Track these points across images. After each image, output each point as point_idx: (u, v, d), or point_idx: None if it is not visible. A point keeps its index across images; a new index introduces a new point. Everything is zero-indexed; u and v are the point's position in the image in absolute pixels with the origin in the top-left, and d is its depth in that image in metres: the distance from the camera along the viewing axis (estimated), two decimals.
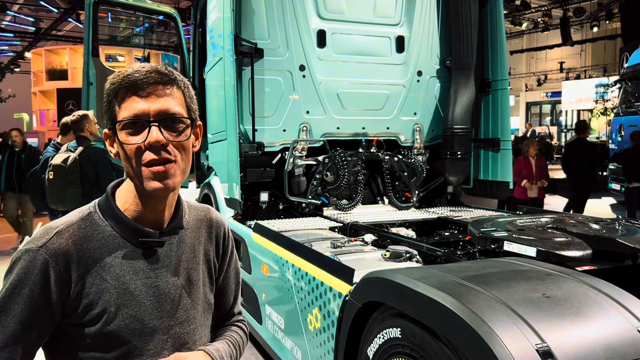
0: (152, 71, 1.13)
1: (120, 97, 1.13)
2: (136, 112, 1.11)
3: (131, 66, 1.14)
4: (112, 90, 1.13)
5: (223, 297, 1.42)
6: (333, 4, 4.43)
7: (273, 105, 4.28)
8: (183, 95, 1.17)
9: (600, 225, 2.73)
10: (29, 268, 1.09)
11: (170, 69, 1.17)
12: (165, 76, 1.14)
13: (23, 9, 22.09)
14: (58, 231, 1.13)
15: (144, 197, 1.18)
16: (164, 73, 1.14)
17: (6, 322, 1.07)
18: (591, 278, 1.86)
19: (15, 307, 1.08)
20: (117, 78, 1.13)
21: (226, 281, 1.42)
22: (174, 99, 1.15)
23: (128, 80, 1.12)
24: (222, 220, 1.40)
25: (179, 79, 1.17)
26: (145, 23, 12.81)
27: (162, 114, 1.12)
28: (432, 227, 4.10)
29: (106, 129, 1.19)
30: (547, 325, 1.54)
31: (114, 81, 1.13)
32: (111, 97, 1.14)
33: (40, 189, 4.65)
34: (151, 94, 1.12)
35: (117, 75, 1.14)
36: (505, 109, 4.64)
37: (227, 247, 1.40)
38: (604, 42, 23.56)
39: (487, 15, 4.67)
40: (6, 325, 1.07)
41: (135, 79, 1.11)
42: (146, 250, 1.19)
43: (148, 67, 1.13)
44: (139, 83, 1.11)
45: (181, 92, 1.17)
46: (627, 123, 10.73)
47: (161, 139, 1.11)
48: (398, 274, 1.99)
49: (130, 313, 1.15)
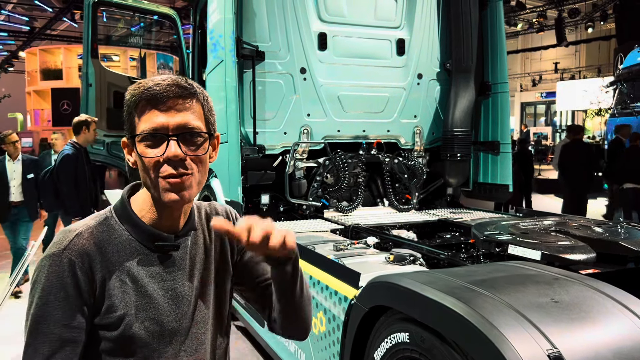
0: (172, 85, 1.13)
1: (140, 110, 1.13)
2: (155, 125, 1.12)
3: (152, 78, 1.15)
4: (133, 102, 1.14)
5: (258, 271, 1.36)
6: (334, 6, 4.44)
7: (274, 108, 4.29)
8: (202, 109, 1.18)
9: (603, 228, 2.75)
10: (58, 272, 1.09)
11: (190, 82, 1.17)
12: (185, 90, 1.14)
13: (17, 8, 21.97)
14: (77, 233, 1.14)
15: (160, 206, 1.18)
16: (184, 87, 1.14)
17: (49, 329, 1.07)
18: (597, 282, 1.88)
19: (55, 313, 1.08)
20: (138, 90, 1.13)
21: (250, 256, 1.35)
22: (193, 112, 1.15)
23: (149, 93, 1.12)
24: (227, 210, 1.38)
25: (198, 92, 1.17)
26: (141, 22, 12.76)
27: (181, 128, 1.13)
28: (433, 229, 4.12)
29: (124, 138, 1.20)
30: (557, 330, 1.56)
31: (135, 93, 1.13)
32: (131, 109, 1.14)
33: (54, 188, 4.88)
34: (171, 108, 1.12)
35: (138, 87, 1.14)
36: (505, 112, 4.67)
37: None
38: (599, 42, 23.67)
39: (487, 19, 4.69)
40: (50, 332, 1.07)
41: (156, 92, 1.12)
42: (162, 254, 1.20)
43: (169, 81, 1.13)
44: (159, 97, 1.12)
45: (200, 106, 1.17)
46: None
47: (179, 154, 1.12)
48: (406, 278, 2.01)
49: (150, 316, 1.16)
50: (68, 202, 4.82)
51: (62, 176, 4.81)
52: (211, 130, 1.20)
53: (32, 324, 1.08)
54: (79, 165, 4.87)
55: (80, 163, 4.89)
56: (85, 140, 4.98)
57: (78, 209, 4.78)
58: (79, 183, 4.85)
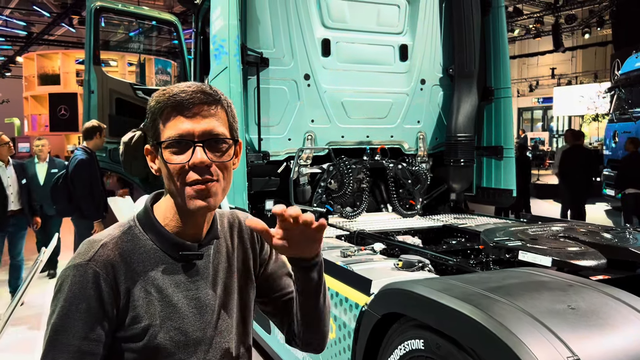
0: (198, 91, 1.13)
1: (165, 116, 1.13)
2: (181, 132, 1.12)
3: (177, 85, 1.15)
4: (158, 108, 1.14)
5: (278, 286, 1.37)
6: (337, 13, 4.45)
7: (278, 114, 4.29)
8: (226, 115, 1.18)
9: (611, 234, 2.76)
10: (82, 283, 1.09)
11: (214, 89, 1.17)
12: (210, 96, 1.14)
13: (15, 13, 21.96)
14: (103, 244, 1.13)
15: (184, 213, 1.18)
16: (209, 93, 1.14)
17: (68, 340, 1.07)
18: (611, 288, 1.88)
19: (75, 324, 1.08)
20: (163, 97, 1.13)
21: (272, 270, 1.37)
22: (218, 119, 1.15)
23: (174, 100, 1.12)
24: (246, 216, 1.37)
25: (222, 99, 1.17)
26: (139, 28, 12.77)
27: (206, 134, 1.13)
28: (438, 234, 4.12)
29: (148, 145, 1.19)
30: (575, 336, 1.56)
31: (160, 99, 1.13)
32: (156, 116, 1.14)
33: (67, 193, 4.93)
34: (197, 115, 1.13)
35: (163, 93, 1.14)
36: (508, 117, 4.69)
37: (263, 242, 1.36)
38: (595, 48, 23.78)
39: (489, 24, 4.71)
40: (69, 343, 1.07)
41: (181, 99, 1.12)
42: (186, 264, 1.20)
43: (194, 87, 1.14)
44: (185, 103, 1.12)
45: (225, 112, 1.17)
46: (621, 129, 10.84)
47: (206, 160, 1.12)
48: (419, 285, 2.00)
49: (175, 326, 1.15)
50: (84, 206, 4.88)
51: (76, 181, 4.86)
52: (235, 136, 1.20)
53: (52, 333, 1.08)
54: (93, 169, 4.95)
55: (94, 168, 4.96)
56: (96, 146, 5.08)
57: (94, 213, 4.91)
58: (93, 187, 4.92)
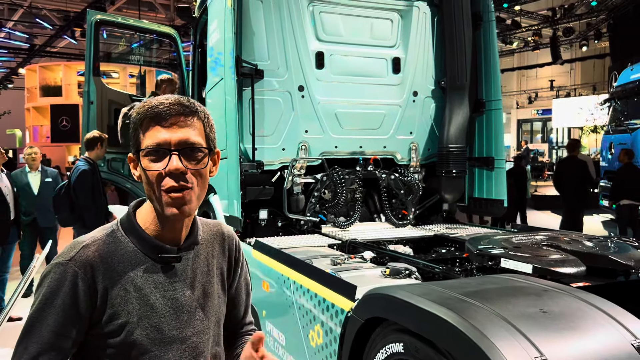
0: (175, 103, 1.22)
1: (145, 126, 1.22)
2: (159, 141, 1.20)
3: (157, 97, 1.24)
4: (138, 119, 1.23)
5: (235, 307, 1.50)
6: (331, 26, 4.55)
7: (273, 124, 4.37)
8: (203, 126, 1.26)
9: (594, 242, 2.82)
10: (59, 280, 1.17)
11: (192, 101, 1.26)
12: (187, 108, 1.23)
13: (17, 26, 22.20)
14: (84, 245, 1.22)
15: (163, 218, 1.26)
16: (186, 105, 1.23)
17: (40, 331, 1.15)
18: (586, 294, 1.94)
19: (49, 317, 1.16)
20: (144, 109, 1.22)
21: (238, 291, 1.50)
22: (194, 129, 1.23)
23: (153, 111, 1.21)
24: (232, 234, 1.48)
25: (199, 110, 1.26)
26: (140, 40, 12.92)
27: (182, 143, 1.21)
28: (429, 244, 4.17)
29: (130, 154, 1.27)
30: (545, 339, 1.62)
31: (140, 111, 1.22)
32: (137, 126, 1.23)
33: (70, 203, 5.00)
34: (173, 125, 1.21)
35: (144, 105, 1.23)
36: (499, 129, 4.76)
37: (238, 259, 1.48)
38: (593, 60, 23.96)
39: (480, 38, 4.80)
40: (41, 334, 1.15)
41: (159, 110, 1.21)
42: (165, 265, 1.28)
43: (172, 99, 1.22)
44: (162, 114, 1.20)
45: (201, 123, 1.26)
46: (617, 141, 10.91)
47: (181, 167, 1.20)
48: (400, 290, 2.06)
49: (151, 323, 1.22)
50: (87, 215, 4.93)
51: (79, 191, 4.93)
52: (211, 146, 1.28)
53: (28, 323, 1.17)
54: (95, 180, 5.03)
55: (96, 178, 5.04)
56: (97, 156, 5.17)
57: (95, 222, 4.93)
58: (95, 197, 4.99)
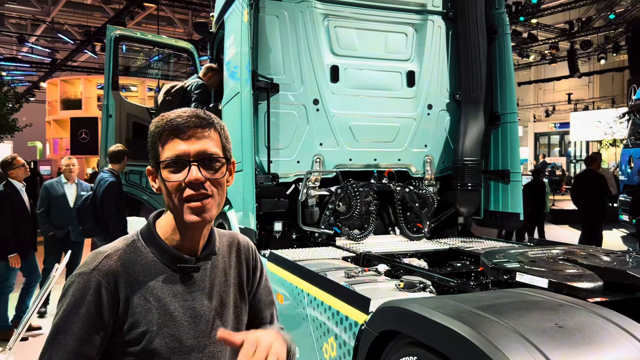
0: (192, 116, 1.25)
1: (163, 139, 1.25)
2: (178, 152, 1.23)
3: (174, 111, 1.27)
4: (157, 132, 1.26)
5: (258, 314, 1.49)
6: (346, 40, 4.59)
7: (287, 137, 4.41)
8: (219, 137, 1.30)
9: (611, 257, 2.78)
10: (84, 289, 1.20)
11: (208, 113, 1.29)
12: (204, 120, 1.26)
13: (40, 40, 22.73)
14: (107, 255, 1.25)
15: (182, 228, 1.28)
16: (202, 117, 1.27)
17: (66, 340, 1.18)
18: (602, 309, 1.91)
19: (73, 327, 1.18)
20: (162, 122, 1.26)
21: (258, 298, 1.49)
22: (212, 140, 1.27)
23: (171, 124, 1.24)
24: (248, 243, 1.50)
25: (215, 122, 1.29)
26: (159, 54, 13.14)
27: (200, 154, 1.24)
28: (444, 257, 4.15)
29: (149, 166, 1.31)
30: (560, 354, 1.60)
31: (159, 124, 1.26)
32: (155, 139, 1.26)
33: (94, 214, 5.06)
34: (191, 137, 1.24)
35: (161, 119, 1.26)
36: (514, 141, 4.74)
37: (256, 266, 1.49)
38: (612, 74, 23.74)
39: (495, 51, 4.80)
40: (66, 343, 1.18)
41: (177, 123, 1.24)
42: (183, 275, 1.30)
43: (189, 112, 1.26)
44: (180, 127, 1.24)
45: (218, 134, 1.29)
46: (637, 155, 10.77)
47: (200, 177, 1.23)
48: (414, 303, 2.06)
49: (170, 332, 1.25)
50: (111, 226, 5.02)
51: (105, 203, 5.01)
52: (228, 156, 1.31)
53: (53, 333, 1.19)
54: (120, 191, 5.16)
55: (120, 190, 5.17)
56: (120, 169, 5.29)
57: (119, 233, 5.01)
58: (120, 209, 5.10)
